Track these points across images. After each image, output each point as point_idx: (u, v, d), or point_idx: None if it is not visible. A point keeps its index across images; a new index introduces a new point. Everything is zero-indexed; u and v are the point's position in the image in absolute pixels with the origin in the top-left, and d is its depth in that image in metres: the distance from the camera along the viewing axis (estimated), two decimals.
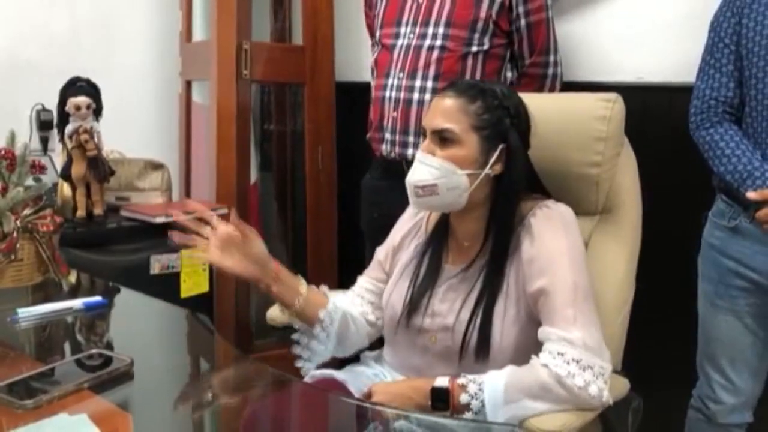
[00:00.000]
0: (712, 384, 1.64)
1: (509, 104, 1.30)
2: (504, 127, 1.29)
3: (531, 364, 1.18)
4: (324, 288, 1.48)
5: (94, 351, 1.20)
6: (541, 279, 1.23)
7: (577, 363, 1.14)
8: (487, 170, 1.28)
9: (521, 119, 1.32)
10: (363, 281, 1.55)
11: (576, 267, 1.24)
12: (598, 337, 1.20)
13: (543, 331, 1.21)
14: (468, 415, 1.16)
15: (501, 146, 1.28)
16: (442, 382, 1.20)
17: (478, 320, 1.27)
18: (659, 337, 1.94)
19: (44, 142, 2.53)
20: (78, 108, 2.02)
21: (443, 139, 1.28)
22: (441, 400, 1.19)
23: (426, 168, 1.28)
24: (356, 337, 1.47)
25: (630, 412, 1.35)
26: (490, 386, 1.16)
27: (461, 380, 1.19)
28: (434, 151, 1.29)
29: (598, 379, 1.15)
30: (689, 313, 1.69)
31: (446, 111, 1.29)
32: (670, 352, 1.93)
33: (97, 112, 2.08)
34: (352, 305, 1.50)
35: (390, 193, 1.99)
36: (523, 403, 1.14)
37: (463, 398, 1.17)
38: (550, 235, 1.26)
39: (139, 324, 1.48)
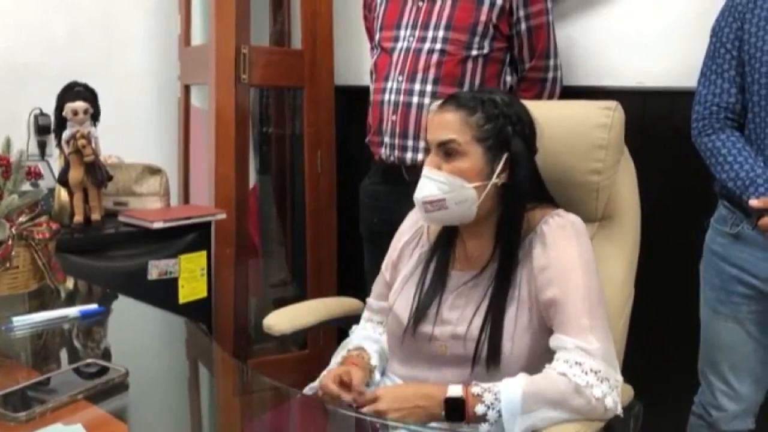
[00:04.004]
0: (714, 391, 1.62)
1: (510, 112, 1.29)
2: (507, 135, 1.28)
3: (547, 373, 1.17)
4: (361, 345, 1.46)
5: (89, 361, 1.18)
6: (553, 287, 1.23)
7: (596, 374, 1.14)
8: (494, 180, 1.27)
9: (524, 125, 1.31)
10: (371, 302, 1.54)
11: (589, 276, 1.24)
12: (612, 350, 1.20)
13: (557, 339, 1.20)
14: (484, 425, 1.15)
15: (505, 155, 1.28)
16: (455, 391, 1.18)
17: (489, 328, 1.26)
18: (661, 343, 1.93)
19: (42, 147, 2.53)
20: (75, 113, 2.01)
21: (447, 151, 1.27)
22: (455, 411, 1.17)
23: (433, 183, 1.27)
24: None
25: (631, 417, 1.34)
26: (507, 396, 1.14)
27: (475, 389, 1.17)
28: (440, 165, 1.28)
29: (613, 391, 1.15)
30: (691, 319, 1.68)
31: (448, 124, 1.28)
32: (671, 358, 1.92)
33: (95, 117, 2.07)
34: (371, 334, 1.50)
35: (389, 197, 1.99)
36: (540, 413, 1.13)
37: (479, 409, 1.15)
38: (562, 243, 1.26)
39: (136, 331, 1.47)
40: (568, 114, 1.47)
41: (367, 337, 1.48)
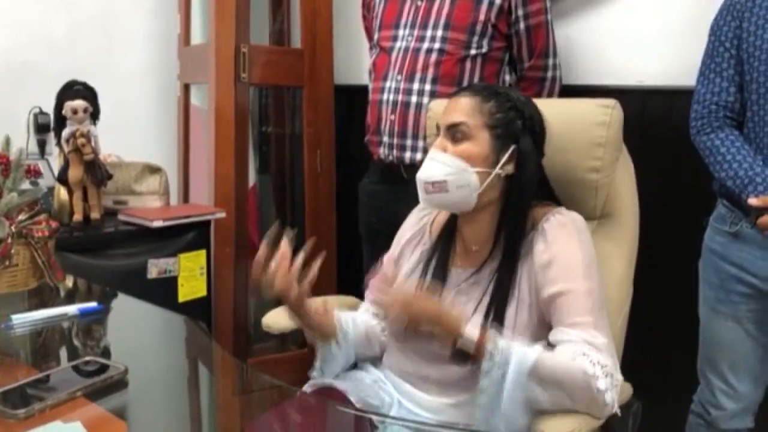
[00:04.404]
0: (713, 389, 1.62)
1: (523, 108, 1.31)
2: (516, 129, 1.29)
3: (561, 352, 1.16)
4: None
5: (88, 359, 1.18)
6: (556, 285, 1.23)
7: (602, 367, 1.14)
8: (497, 170, 1.27)
9: (535, 123, 1.32)
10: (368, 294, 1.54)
11: (591, 275, 1.24)
12: (614, 349, 1.20)
13: (561, 332, 1.19)
14: (484, 381, 1.15)
15: (512, 147, 1.29)
16: (470, 338, 1.17)
17: (490, 326, 1.25)
18: (660, 341, 1.93)
19: (42, 145, 2.53)
20: (75, 111, 2.02)
21: (456, 134, 1.28)
22: (461, 354, 1.18)
23: (437, 164, 1.28)
24: (369, 346, 1.46)
25: (630, 415, 1.35)
26: (518, 361, 1.14)
27: (489, 345, 1.16)
28: (446, 147, 1.29)
29: (614, 388, 1.15)
30: (690, 318, 1.68)
31: (461, 108, 1.30)
32: (670, 356, 1.92)
33: (94, 116, 2.08)
34: (361, 319, 1.50)
35: (387, 196, 1.99)
36: (542, 387, 1.14)
37: (486, 365, 1.15)
38: (564, 241, 1.26)
39: (135, 330, 1.47)
40: (567, 112, 1.48)
41: (359, 316, 1.49)
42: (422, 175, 1.30)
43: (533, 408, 1.16)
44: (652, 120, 1.94)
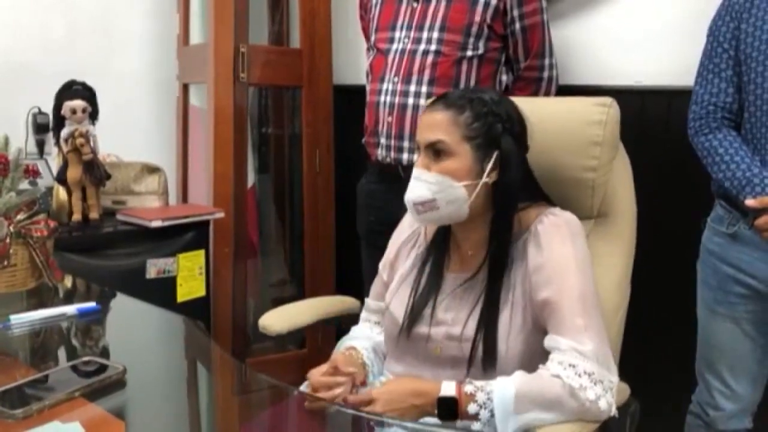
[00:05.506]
0: (712, 390, 1.63)
1: (499, 110, 1.29)
2: (496, 133, 1.27)
3: (541, 374, 1.16)
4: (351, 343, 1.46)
5: (87, 359, 1.18)
6: (548, 288, 1.22)
7: (589, 376, 1.14)
8: (484, 179, 1.27)
9: (513, 123, 1.30)
10: (369, 302, 1.54)
11: (584, 276, 1.23)
12: (608, 350, 1.20)
13: (552, 340, 1.19)
14: (476, 424, 1.15)
15: (495, 153, 1.27)
16: (448, 389, 1.18)
17: (484, 330, 1.26)
18: (659, 342, 1.93)
19: (40, 145, 2.53)
20: (74, 111, 2.02)
21: (437, 151, 1.27)
22: (448, 410, 1.17)
23: (423, 184, 1.27)
24: (379, 359, 1.46)
25: (628, 416, 1.35)
26: (500, 396, 1.15)
27: (468, 388, 1.17)
28: (429, 165, 1.27)
29: (607, 393, 1.15)
30: (688, 318, 1.68)
31: (436, 124, 1.28)
32: (669, 357, 1.92)
33: (93, 116, 2.08)
34: (366, 332, 1.50)
35: (386, 197, 1.99)
36: (533, 413, 1.13)
37: (472, 408, 1.15)
38: (557, 243, 1.25)
39: (134, 330, 1.47)
40: (563, 110, 1.47)
41: (362, 336, 1.48)
42: (410, 196, 1.28)
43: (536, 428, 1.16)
44: (651, 120, 1.94)
